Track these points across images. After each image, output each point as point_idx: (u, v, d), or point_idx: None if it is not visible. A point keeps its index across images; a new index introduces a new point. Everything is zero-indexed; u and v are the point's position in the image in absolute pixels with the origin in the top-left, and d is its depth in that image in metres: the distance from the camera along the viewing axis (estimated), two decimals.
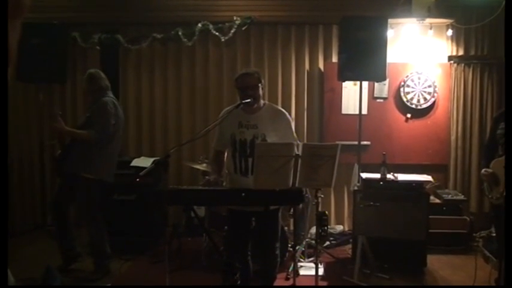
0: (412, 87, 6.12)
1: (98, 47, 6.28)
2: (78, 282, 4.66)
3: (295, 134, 3.76)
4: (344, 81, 5.82)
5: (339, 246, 5.75)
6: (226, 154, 3.82)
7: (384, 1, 5.97)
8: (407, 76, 6.14)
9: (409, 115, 6.15)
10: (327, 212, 5.54)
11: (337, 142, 3.74)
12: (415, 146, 6.15)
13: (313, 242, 5.09)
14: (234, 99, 4.69)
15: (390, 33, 5.68)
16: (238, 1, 6.20)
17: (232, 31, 6.12)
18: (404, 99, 6.12)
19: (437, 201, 5.68)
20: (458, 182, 6.24)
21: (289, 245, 4.78)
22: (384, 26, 5.41)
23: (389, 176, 4.91)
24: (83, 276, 4.75)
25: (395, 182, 4.89)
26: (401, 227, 4.74)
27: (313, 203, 4.15)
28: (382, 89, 6.16)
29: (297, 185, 3.32)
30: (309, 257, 5.11)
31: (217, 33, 6.15)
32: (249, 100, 3.56)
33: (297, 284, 3.94)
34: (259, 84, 3.66)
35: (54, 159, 5.12)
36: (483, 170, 4.30)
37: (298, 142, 3.49)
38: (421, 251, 4.89)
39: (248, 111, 3.66)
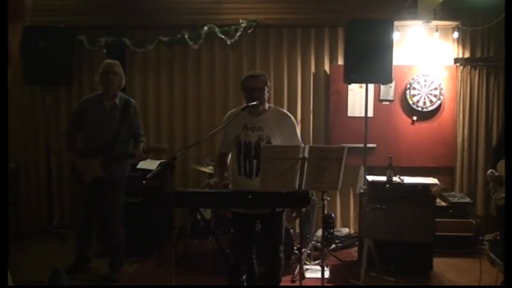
0: (418, 90, 6.11)
1: (104, 50, 6.29)
2: (86, 283, 4.69)
3: (300, 138, 3.77)
4: (350, 83, 5.82)
5: (344, 249, 5.74)
6: (230, 156, 3.83)
7: (389, 3, 5.96)
8: (413, 78, 6.13)
9: (415, 118, 6.14)
10: (333, 215, 5.57)
11: (343, 145, 3.74)
12: (421, 148, 6.13)
13: (319, 244, 5.09)
14: (240, 102, 4.70)
15: (396, 36, 5.67)
16: (244, 4, 6.21)
17: (238, 34, 6.13)
18: (410, 102, 6.11)
19: (444, 204, 5.66)
20: (464, 185, 6.21)
21: (295, 248, 4.78)
22: (389, 28, 5.41)
23: (396, 178, 4.91)
24: (90, 278, 4.78)
25: (402, 185, 4.88)
26: (408, 230, 4.73)
27: (319, 205, 4.15)
28: (388, 91, 6.15)
29: (303, 187, 3.33)
30: (315, 260, 5.11)
31: (223, 36, 6.16)
32: (255, 102, 3.56)
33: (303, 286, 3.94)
34: (266, 87, 3.67)
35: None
36: (489, 171, 4.31)
37: (303, 145, 3.50)
38: (427, 253, 4.89)
39: (253, 114, 3.67)
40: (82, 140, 4.77)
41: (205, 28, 6.15)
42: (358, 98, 6.08)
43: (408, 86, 6.13)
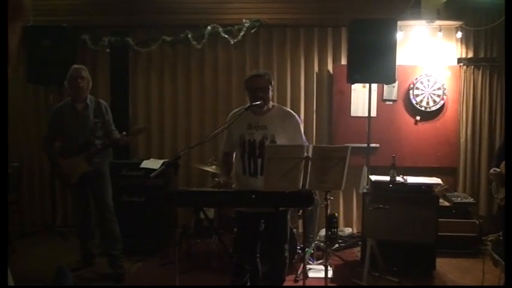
0: (422, 90, 6.11)
1: (107, 50, 6.32)
2: (92, 282, 4.70)
3: (304, 136, 3.78)
4: (353, 83, 5.83)
5: (347, 249, 5.74)
6: (234, 155, 3.84)
7: (393, 3, 5.96)
8: (416, 78, 6.13)
9: (418, 117, 6.14)
10: (336, 214, 5.58)
11: (347, 144, 3.75)
12: (424, 148, 6.14)
13: (322, 244, 5.10)
14: (243, 101, 4.71)
15: (399, 36, 5.67)
16: (248, 4, 6.21)
17: (241, 34, 6.14)
18: (414, 102, 6.11)
19: (447, 204, 5.66)
20: (467, 185, 6.21)
21: (298, 247, 4.78)
22: (393, 28, 5.41)
23: (399, 178, 4.91)
24: (94, 277, 4.79)
25: (405, 185, 4.88)
26: (411, 230, 4.72)
27: (323, 205, 4.15)
28: (391, 91, 6.15)
29: (307, 187, 3.33)
30: (317, 259, 5.11)
31: (226, 36, 6.17)
32: (259, 102, 3.57)
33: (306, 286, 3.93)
34: (270, 86, 3.67)
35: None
36: (492, 170, 4.31)
37: (307, 143, 3.50)
38: (430, 254, 4.89)
39: (257, 113, 3.67)
40: (61, 145, 4.83)
41: (209, 28, 6.16)
42: (361, 98, 6.08)
43: (411, 86, 6.13)
